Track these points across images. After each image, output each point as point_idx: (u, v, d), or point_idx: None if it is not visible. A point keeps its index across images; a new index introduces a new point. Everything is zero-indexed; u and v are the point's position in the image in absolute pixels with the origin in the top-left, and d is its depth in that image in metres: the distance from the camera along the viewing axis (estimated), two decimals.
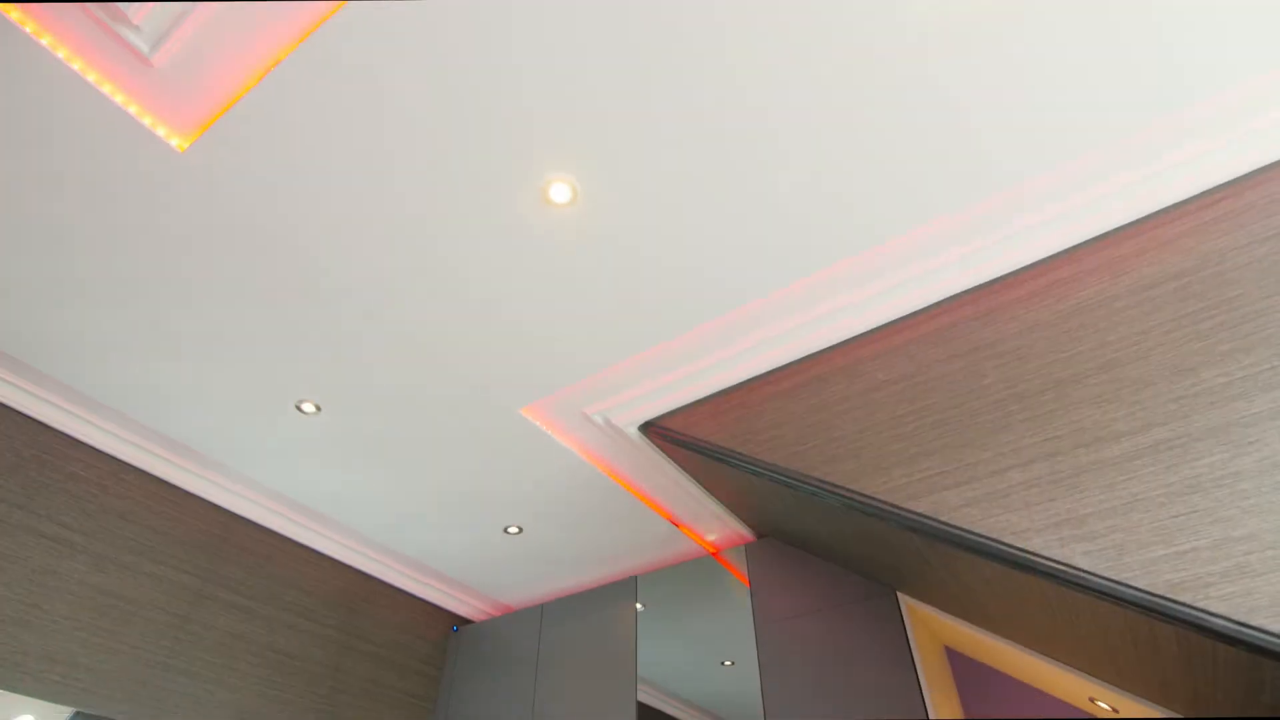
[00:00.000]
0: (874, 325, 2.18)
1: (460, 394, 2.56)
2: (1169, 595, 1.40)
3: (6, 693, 2.23)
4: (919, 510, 1.68)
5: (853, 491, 1.82)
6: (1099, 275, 1.88)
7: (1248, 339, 1.59)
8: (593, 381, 2.51)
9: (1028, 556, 1.48)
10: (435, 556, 3.56)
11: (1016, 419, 1.76)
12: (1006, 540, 1.54)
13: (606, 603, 3.36)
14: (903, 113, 1.71)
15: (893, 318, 2.16)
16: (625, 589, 3.35)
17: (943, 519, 1.63)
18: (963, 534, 1.60)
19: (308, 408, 2.62)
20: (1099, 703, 2.26)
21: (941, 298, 2.10)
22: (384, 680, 3.42)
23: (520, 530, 3.30)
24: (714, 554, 3.32)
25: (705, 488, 2.94)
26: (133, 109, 1.74)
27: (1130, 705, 2.08)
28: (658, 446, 2.65)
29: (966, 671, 2.69)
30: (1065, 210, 1.91)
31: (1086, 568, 1.44)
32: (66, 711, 2.33)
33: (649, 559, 3.49)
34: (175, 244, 2.05)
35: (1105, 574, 1.43)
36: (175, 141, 1.80)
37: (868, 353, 2.17)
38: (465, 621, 3.93)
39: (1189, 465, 1.54)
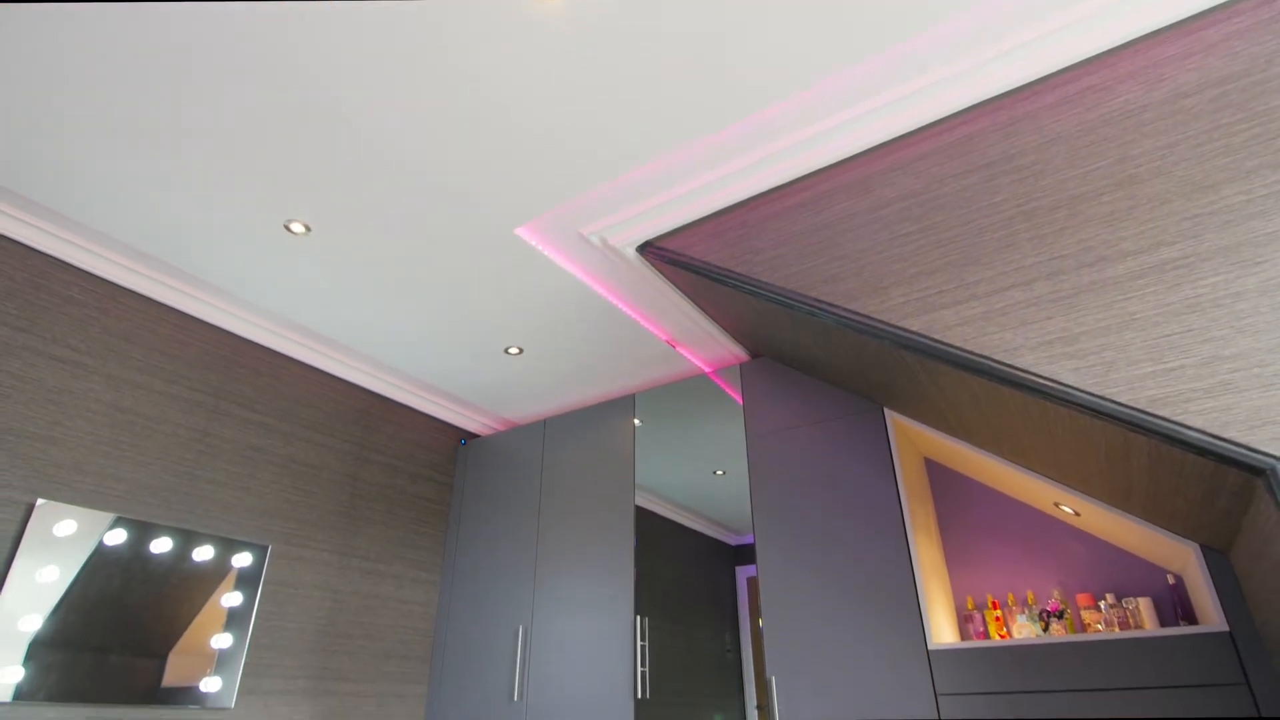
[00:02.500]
0: (886, 137, 2.05)
1: (452, 213, 2.48)
2: (1150, 410, 1.45)
3: (48, 501, 2.39)
4: (914, 329, 1.69)
5: (850, 311, 1.82)
6: (1134, 82, 1.74)
7: (1279, 154, 1.50)
8: (589, 199, 2.42)
9: (1017, 373, 1.51)
10: (441, 377, 3.67)
11: (1023, 237, 1.71)
12: (998, 357, 1.56)
13: (606, 418, 3.52)
14: None
15: (907, 129, 2.03)
16: (624, 406, 3.49)
17: (937, 337, 1.65)
18: (955, 351, 1.62)
19: (297, 228, 2.56)
20: (1063, 507, 2.44)
21: (962, 106, 1.96)
22: (399, 487, 3.67)
23: (520, 351, 3.37)
24: (709, 373, 3.42)
25: (702, 309, 2.96)
26: None
27: (1091, 509, 2.24)
28: (655, 268, 2.62)
29: (943, 480, 2.88)
30: (1105, 5, 1.73)
31: (1073, 383, 1.47)
32: (108, 517, 2.52)
33: (647, 378, 3.60)
34: (164, 63, 1.87)
35: (1091, 389, 1.46)
36: None
37: (878, 168, 2.07)
38: (472, 436, 4.14)
39: (1191, 285, 1.53)
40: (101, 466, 2.57)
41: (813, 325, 2.28)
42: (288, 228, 2.55)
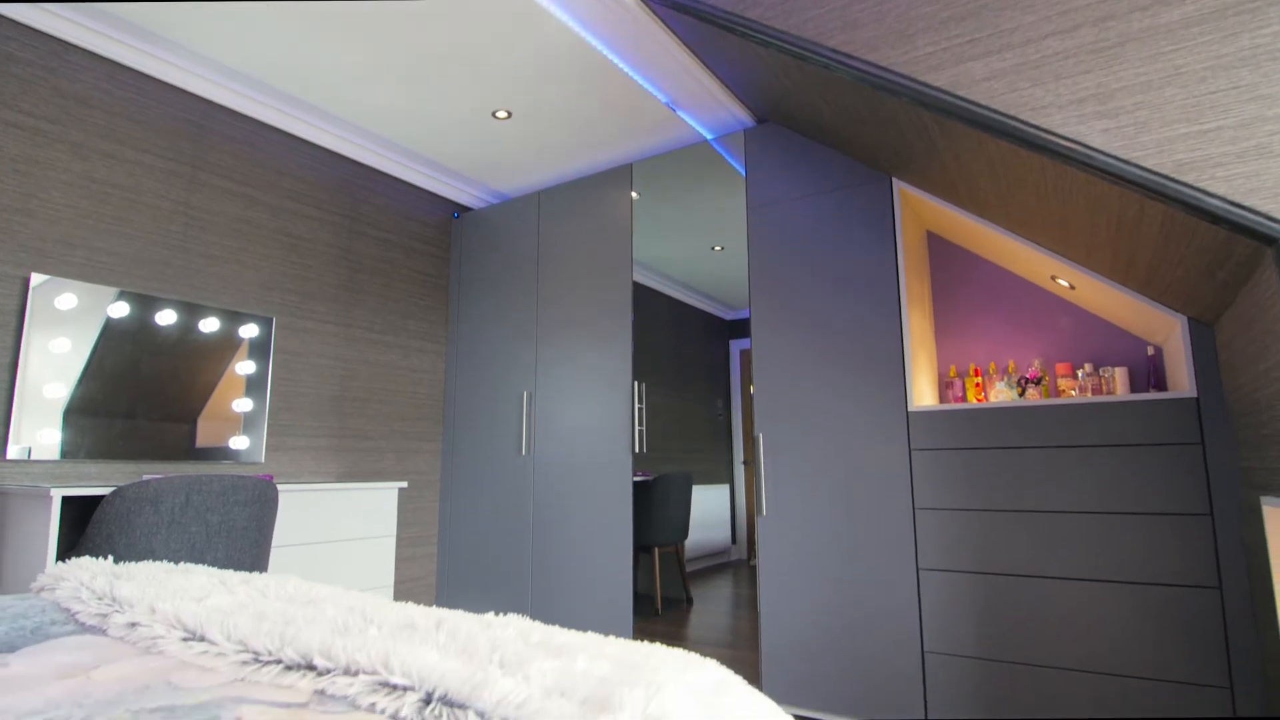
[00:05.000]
0: None
1: None
2: (1173, 175, 1.37)
3: (42, 275, 2.38)
4: (938, 84, 1.54)
5: (869, 63, 1.65)
6: None
7: None
8: None
9: (1041, 134, 1.41)
10: (426, 144, 3.47)
11: None
12: (1024, 117, 1.44)
13: (603, 190, 3.40)
14: None
15: None
16: (621, 177, 3.35)
17: (962, 93, 1.51)
18: (979, 110, 1.49)
19: None
20: (1059, 280, 2.44)
21: None
22: (395, 261, 3.66)
23: (509, 115, 3.15)
24: (711, 141, 3.23)
25: (706, 66, 2.70)
26: None
27: (1088, 281, 2.24)
28: (655, 15, 2.34)
29: (943, 253, 2.85)
30: None
31: (1099, 146, 1.38)
32: (108, 291, 2.52)
33: (645, 145, 3.41)
34: None
35: (1116, 153, 1.37)
36: None
37: None
38: (465, 209, 4.04)
39: (1250, 34, 1.36)
40: (88, 240, 2.52)
41: (826, 82, 2.09)
42: None
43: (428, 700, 0.72)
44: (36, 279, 2.35)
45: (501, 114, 3.13)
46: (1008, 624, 2.17)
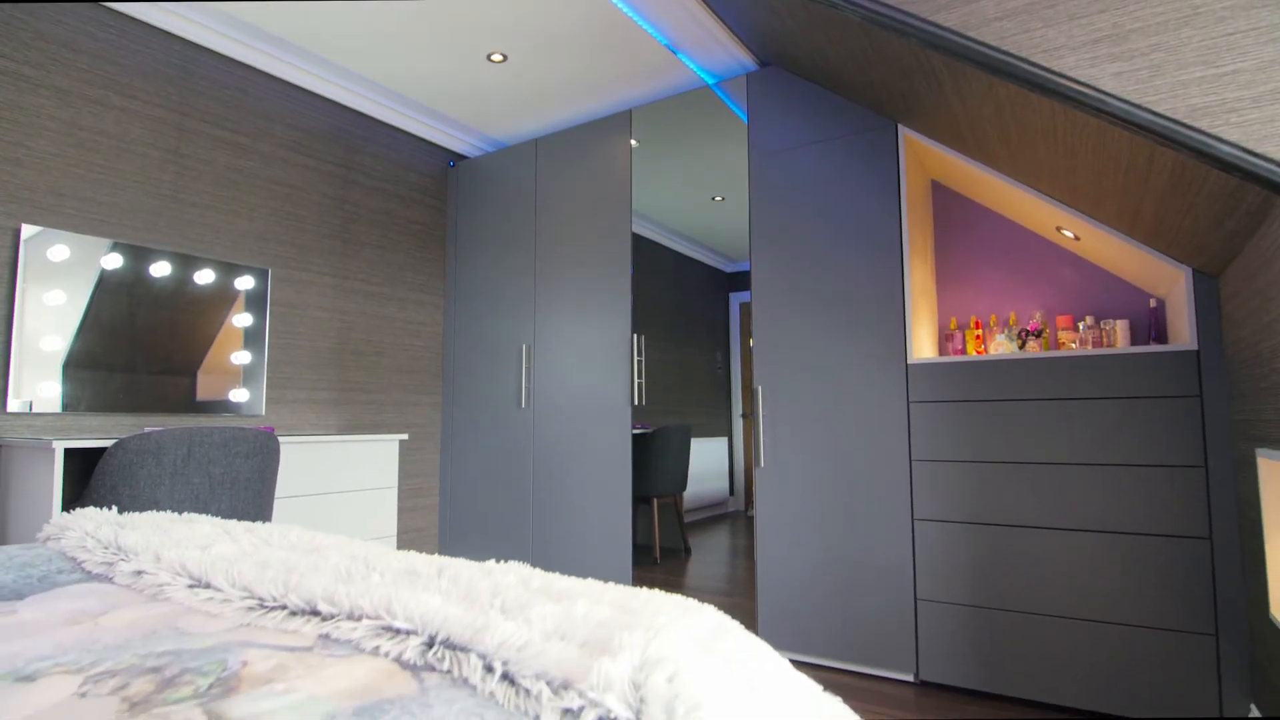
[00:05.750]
0: None
1: None
2: (1187, 120, 1.33)
3: (33, 227, 2.34)
4: (948, 24, 1.49)
5: (876, 1, 1.59)
6: None
7: None
8: None
9: (1053, 77, 1.36)
10: (420, 89, 3.39)
11: None
12: (1035, 59, 1.40)
13: (601, 138, 3.33)
14: None
15: None
16: (620, 124, 3.27)
17: (972, 34, 1.46)
18: (990, 51, 1.45)
19: None
20: (1064, 231, 2.40)
21: None
22: (392, 211, 3.61)
23: (504, 59, 3.06)
24: (713, 86, 3.14)
25: (708, 5, 2.61)
26: None
27: (1093, 232, 2.21)
28: None
29: (947, 204, 2.81)
30: None
31: (1111, 90, 1.34)
32: (101, 242, 2.49)
33: (644, 91, 3.32)
34: None
35: (1129, 97, 1.33)
36: None
37: None
38: (461, 158, 3.96)
39: None
40: (78, 190, 2.47)
41: (831, 22, 2.02)
42: None
43: (430, 644, 0.73)
44: (28, 230, 2.32)
45: (496, 56, 3.04)
46: (1000, 573, 2.21)
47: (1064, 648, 2.10)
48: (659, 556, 4.07)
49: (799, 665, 2.31)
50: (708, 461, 5.00)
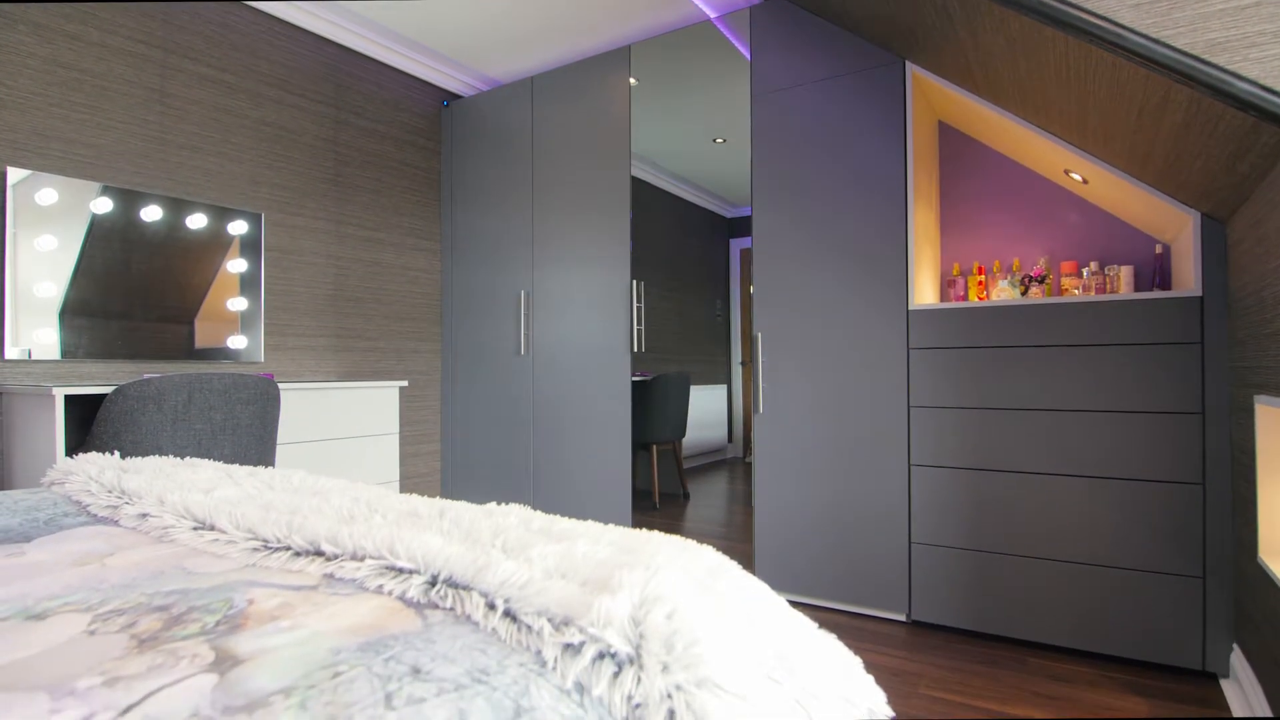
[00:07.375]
0: None
1: None
2: (1205, 56, 1.29)
3: (18, 170, 2.29)
4: None
5: None
6: None
7: None
8: None
9: (1068, 9, 1.31)
10: (412, 24, 3.27)
11: None
12: None
13: (599, 76, 3.23)
14: None
15: None
16: (618, 61, 3.17)
17: None
18: None
19: None
20: (1072, 174, 2.36)
21: None
22: (385, 153, 3.53)
23: None
24: (714, 19, 3.03)
25: None
26: None
27: (1102, 175, 2.17)
28: None
29: (954, 145, 2.74)
30: None
31: (1128, 23, 1.29)
32: (90, 186, 2.44)
33: (643, 25, 3.21)
34: None
35: (1147, 31, 1.28)
36: None
37: None
38: (455, 97, 3.85)
39: None
40: (62, 131, 2.41)
41: None
42: None
43: (433, 583, 0.74)
44: (15, 175, 2.27)
45: None
46: (993, 518, 2.25)
47: (1054, 590, 2.15)
48: (658, 502, 4.14)
49: (794, 605, 2.37)
50: (707, 409, 5.03)
